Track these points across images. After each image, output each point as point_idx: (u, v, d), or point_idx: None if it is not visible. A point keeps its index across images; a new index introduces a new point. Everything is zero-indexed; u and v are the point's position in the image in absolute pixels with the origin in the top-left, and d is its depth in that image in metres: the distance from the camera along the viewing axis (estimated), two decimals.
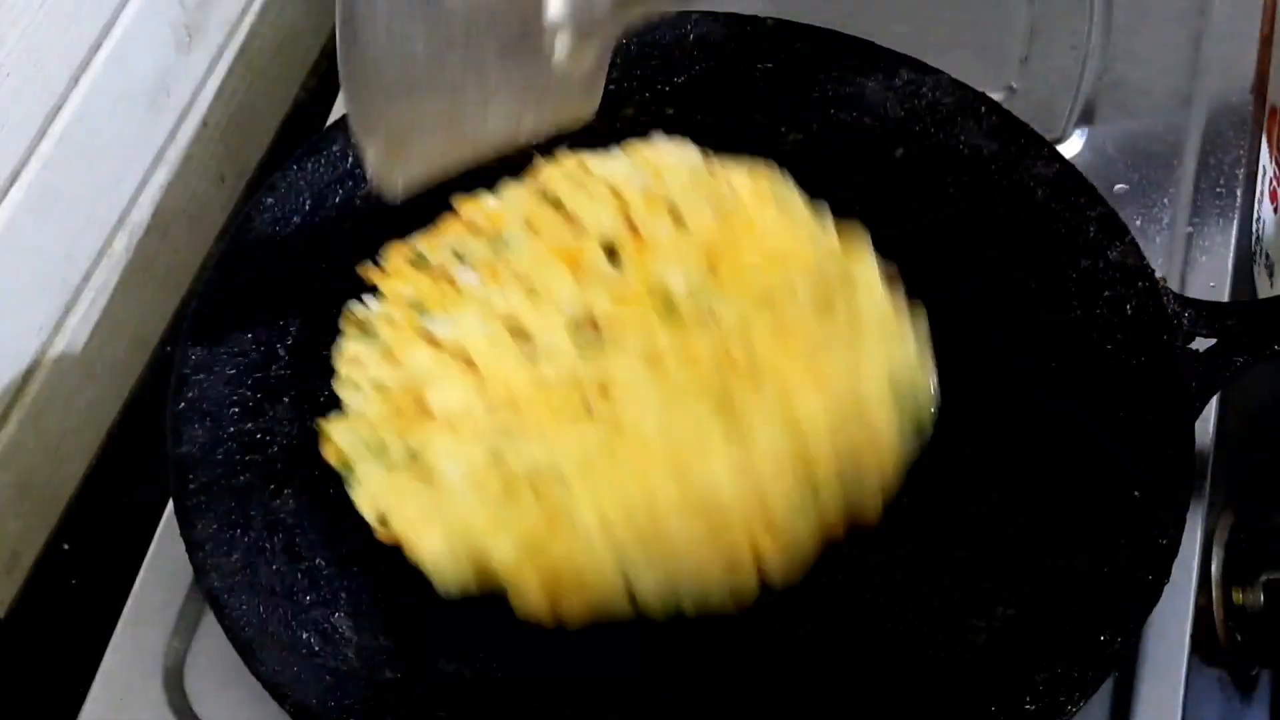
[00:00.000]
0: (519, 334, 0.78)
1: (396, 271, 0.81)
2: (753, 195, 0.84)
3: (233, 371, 0.80)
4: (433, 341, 0.78)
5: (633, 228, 0.82)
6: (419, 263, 0.81)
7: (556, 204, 0.83)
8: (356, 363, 0.79)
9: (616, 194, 0.83)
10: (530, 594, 0.73)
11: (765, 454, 0.76)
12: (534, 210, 0.83)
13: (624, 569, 0.74)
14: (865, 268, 0.82)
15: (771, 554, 0.75)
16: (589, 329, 0.79)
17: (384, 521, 0.75)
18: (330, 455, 0.77)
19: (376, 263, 0.81)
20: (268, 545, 0.76)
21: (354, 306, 0.80)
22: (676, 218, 0.83)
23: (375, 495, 0.75)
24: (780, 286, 0.81)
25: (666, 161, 0.85)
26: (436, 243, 0.82)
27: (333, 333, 0.83)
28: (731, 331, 0.78)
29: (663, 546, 0.75)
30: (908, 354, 0.80)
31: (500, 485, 0.75)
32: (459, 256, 0.81)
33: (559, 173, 0.84)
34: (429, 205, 0.82)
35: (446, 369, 0.77)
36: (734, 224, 0.83)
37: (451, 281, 0.80)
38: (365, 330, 0.79)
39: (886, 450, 0.78)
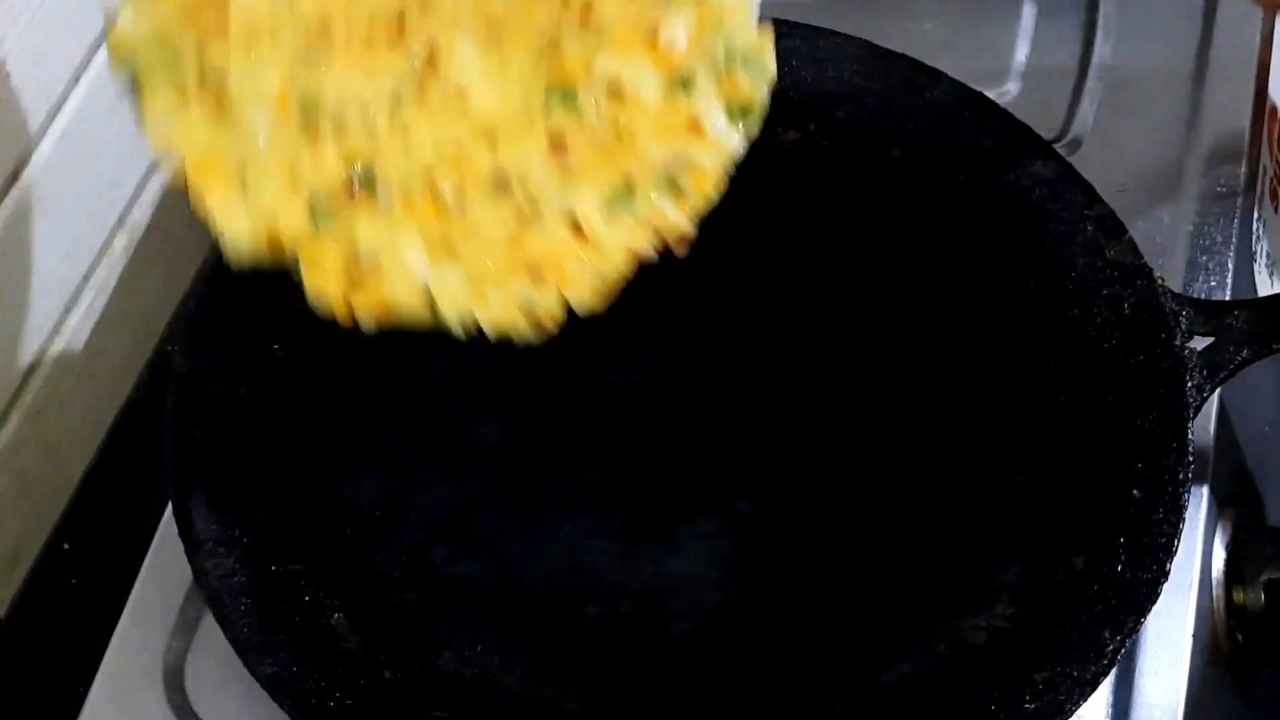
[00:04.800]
0: None
1: None
2: None
3: (231, 372, 0.80)
4: None
5: None
6: None
7: None
8: None
9: None
10: (323, 275, 0.66)
11: (586, 131, 0.67)
12: None
13: (423, 256, 0.66)
14: None
15: (577, 263, 0.66)
16: None
17: (172, 151, 0.67)
18: (117, 48, 0.67)
19: None
20: (267, 545, 0.76)
21: None
22: None
23: (164, 118, 0.67)
24: None
25: None
26: None
27: (331, 333, 0.83)
28: None
29: (465, 230, 0.66)
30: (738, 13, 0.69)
31: (299, 125, 0.67)
32: None
33: None
34: None
35: None
36: None
37: None
38: None
39: (714, 145, 0.68)
